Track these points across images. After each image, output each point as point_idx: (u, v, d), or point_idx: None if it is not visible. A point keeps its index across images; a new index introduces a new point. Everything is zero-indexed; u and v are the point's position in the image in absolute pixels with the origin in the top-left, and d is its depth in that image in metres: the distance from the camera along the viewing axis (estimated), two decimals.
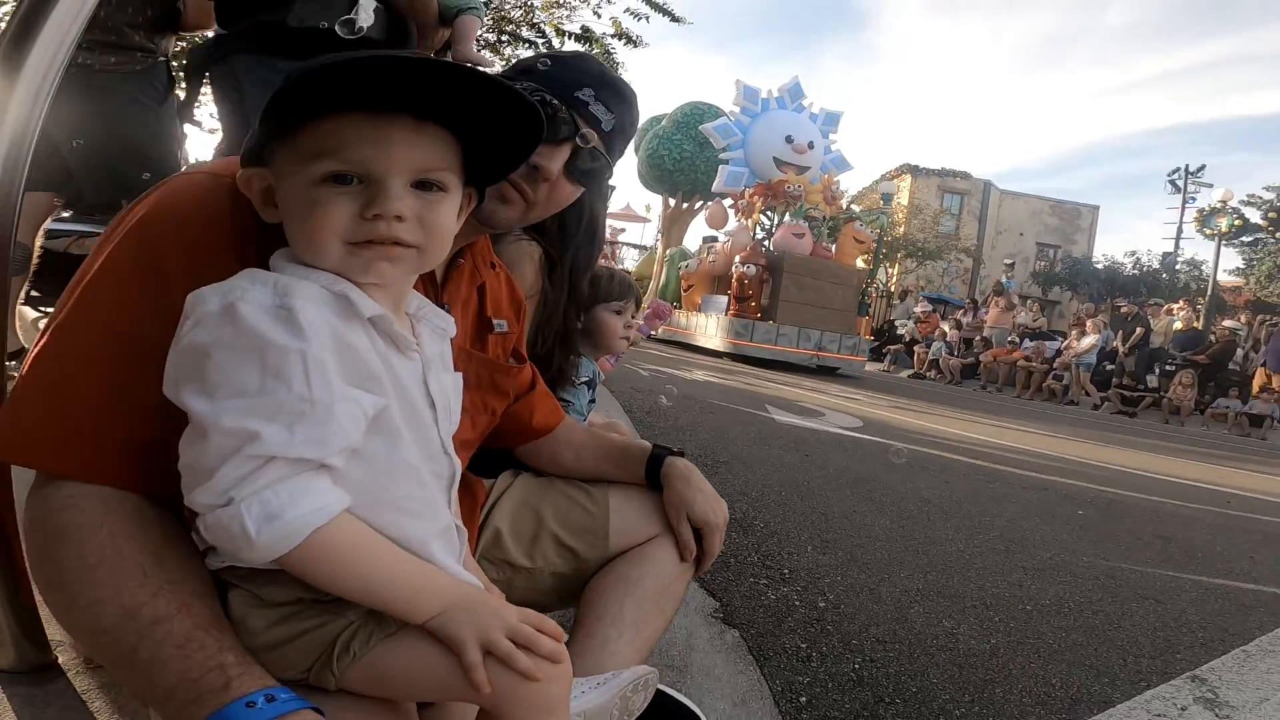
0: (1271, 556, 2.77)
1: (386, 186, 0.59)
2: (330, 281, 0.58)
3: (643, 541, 1.00)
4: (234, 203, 0.65)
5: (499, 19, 7.60)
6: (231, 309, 0.52)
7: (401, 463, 0.60)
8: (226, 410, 0.50)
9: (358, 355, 0.56)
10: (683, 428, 4.05)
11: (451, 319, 0.72)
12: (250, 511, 0.49)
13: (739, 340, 10.10)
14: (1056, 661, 1.59)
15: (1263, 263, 23.12)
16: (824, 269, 10.98)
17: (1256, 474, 5.43)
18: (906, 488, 3.25)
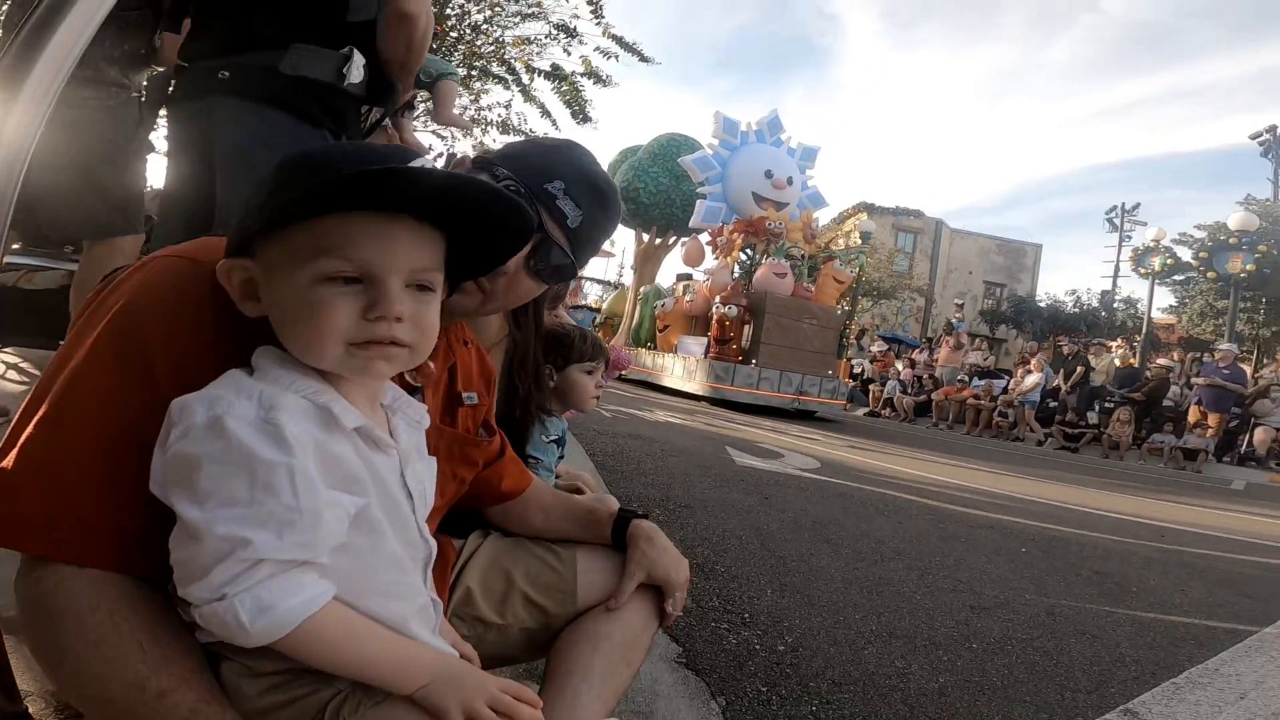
0: (1201, 589, 2.94)
1: (388, 287, 0.61)
2: (313, 392, 0.61)
3: (611, 598, 1.04)
4: (214, 291, 0.66)
5: (469, 54, 7.74)
6: (219, 423, 0.56)
7: (383, 553, 0.66)
8: (218, 518, 0.55)
9: (340, 462, 0.61)
10: (645, 471, 4.12)
11: (424, 409, 0.77)
12: (244, 605, 0.55)
13: (719, 384, 9.83)
14: (1000, 699, 1.69)
15: (1194, 301, 24.33)
16: (805, 310, 10.74)
17: (1189, 507, 5.70)
18: (861, 529, 3.37)
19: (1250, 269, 17.11)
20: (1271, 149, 25.39)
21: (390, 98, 1.86)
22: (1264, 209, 22.62)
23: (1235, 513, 5.66)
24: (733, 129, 13.04)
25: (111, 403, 0.62)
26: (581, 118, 8.26)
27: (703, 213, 12.56)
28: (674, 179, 15.46)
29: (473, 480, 1.04)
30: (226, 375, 0.61)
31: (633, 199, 15.97)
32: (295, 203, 0.59)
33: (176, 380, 0.62)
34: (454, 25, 7.50)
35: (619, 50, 7.71)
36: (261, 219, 0.61)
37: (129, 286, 0.66)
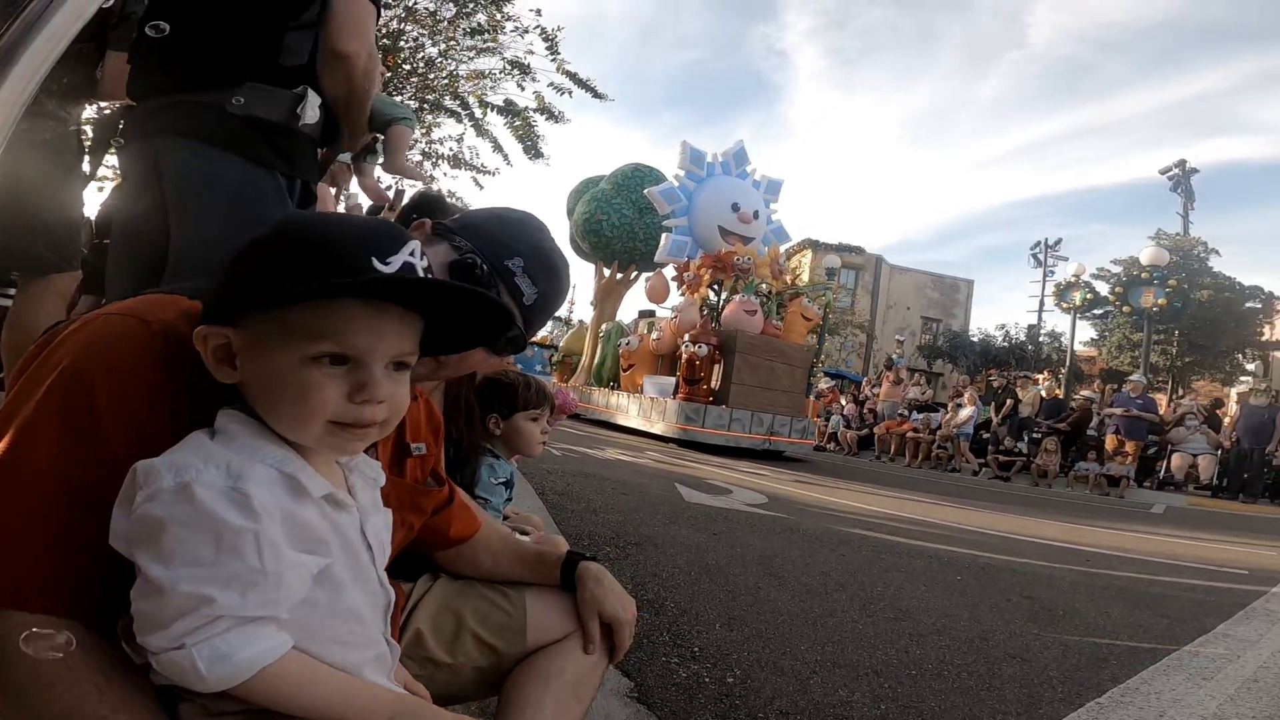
0: (1123, 610, 3.11)
1: (374, 372, 0.65)
2: (280, 461, 0.64)
3: (560, 637, 1.06)
4: (165, 352, 0.68)
5: (422, 87, 7.78)
6: (187, 489, 0.58)
7: (344, 607, 0.69)
8: (183, 577, 0.57)
9: (307, 527, 0.65)
10: (595, 509, 4.14)
11: (379, 465, 0.80)
12: (201, 654, 0.57)
13: (690, 426, 9.43)
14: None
15: (1113, 334, 25.75)
16: (775, 349, 10.45)
17: (1112, 531, 6.00)
18: (807, 562, 3.46)
19: (1162, 303, 18.18)
20: (1180, 183, 27.32)
21: (336, 141, 1.82)
22: (1174, 243, 24.24)
23: (1154, 536, 5.99)
24: (699, 160, 12.62)
25: (60, 460, 0.63)
26: (534, 153, 8.38)
27: (669, 247, 12.16)
28: (638, 211, 14.82)
29: (421, 526, 1.06)
30: (190, 439, 0.64)
31: (594, 231, 15.34)
32: (304, 293, 0.62)
33: (127, 440, 0.65)
34: (407, 58, 7.57)
35: (572, 86, 7.88)
36: (256, 295, 0.63)
37: (75, 344, 0.67)
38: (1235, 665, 2.37)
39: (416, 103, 7.84)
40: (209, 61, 1.58)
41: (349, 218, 0.73)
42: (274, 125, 1.61)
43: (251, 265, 0.65)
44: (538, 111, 8.10)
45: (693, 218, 12.30)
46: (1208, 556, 4.95)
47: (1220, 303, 22.72)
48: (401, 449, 1.00)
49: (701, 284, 11.12)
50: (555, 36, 7.44)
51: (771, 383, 10.19)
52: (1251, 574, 4.30)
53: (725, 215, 12.11)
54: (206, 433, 0.65)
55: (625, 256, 15.50)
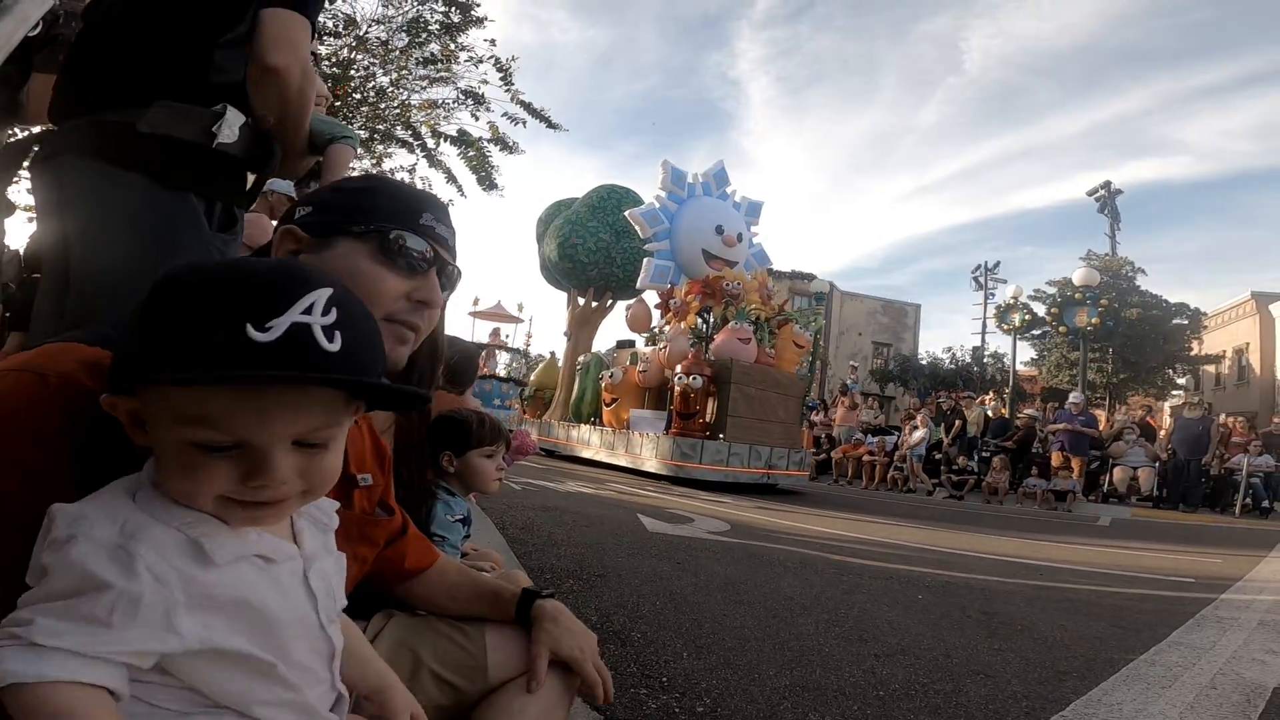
0: (1079, 623, 3.17)
1: (269, 457, 0.60)
2: (188, 524, 0.61)
3: (522, 673, 1.04)
4: (65, 404, 0.67)
5: (373, 117, 7.70)
6: (71, 541, 0.56)
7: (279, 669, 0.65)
8: (27, 600, 0.56)
9: (208, 592, 0.60)
10: (557, 543, 4.08)
11: (333, 507, 0.78)
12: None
13: (686, 463, 8.86)
14: None
15: (1051, 354, 26.77)
16: (769, 378, 9.97)
17: (1062, 545, 6.15)
18: (771, 587, 3.45)
19: (1095, 322, 19.03)
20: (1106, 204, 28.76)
21: (268, 163, 1.73)
22: (1104, 264, 25.46)
23: (1103, 547, 6.16)
24: (680, 180, 12.05)
25: None
26: (488, 184, 8.36)
27: (651, 272, 11.56)
28: (614, 234, 13.87)
29: (375, 558, 1.04)
30: (108, 489, 0.62)
31: (569, 257, 14.20)
32: (160, 379, 0.57)
33: (28, 495, 0.63)
34: (358, 87, 7.52)
35: (527, 116, 7.91)
36: (131, 370, 0.59)
37: None
38: (1192, 673, 2.43)
39: (367, 132, 7.78)
40: (122, 79, 1.51)
41: (233, 268, 0.65)
42: (186, 145, 1.52)
43: (132, 335, 0.61)
44: (491, 142, 8.10)
45: (675, 241, 11.77)
46: (1155, 566, 5.11)
47: (1149, 320, 23.89)
48: (347, 481, 0.97)
49: (690, 311, 10.49)
50: (509, 67, 7.49)
51: (767, 414, 9.75)
52: (1198, 582, 4.45)
53: (709, 238, 11.60)
54: (129, 481, 0.64)
55: (601, 283, 14.48)
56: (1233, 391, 29.38)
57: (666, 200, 11.98)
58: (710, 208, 12.09)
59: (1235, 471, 11.50)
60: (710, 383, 9.25)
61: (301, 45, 1.56)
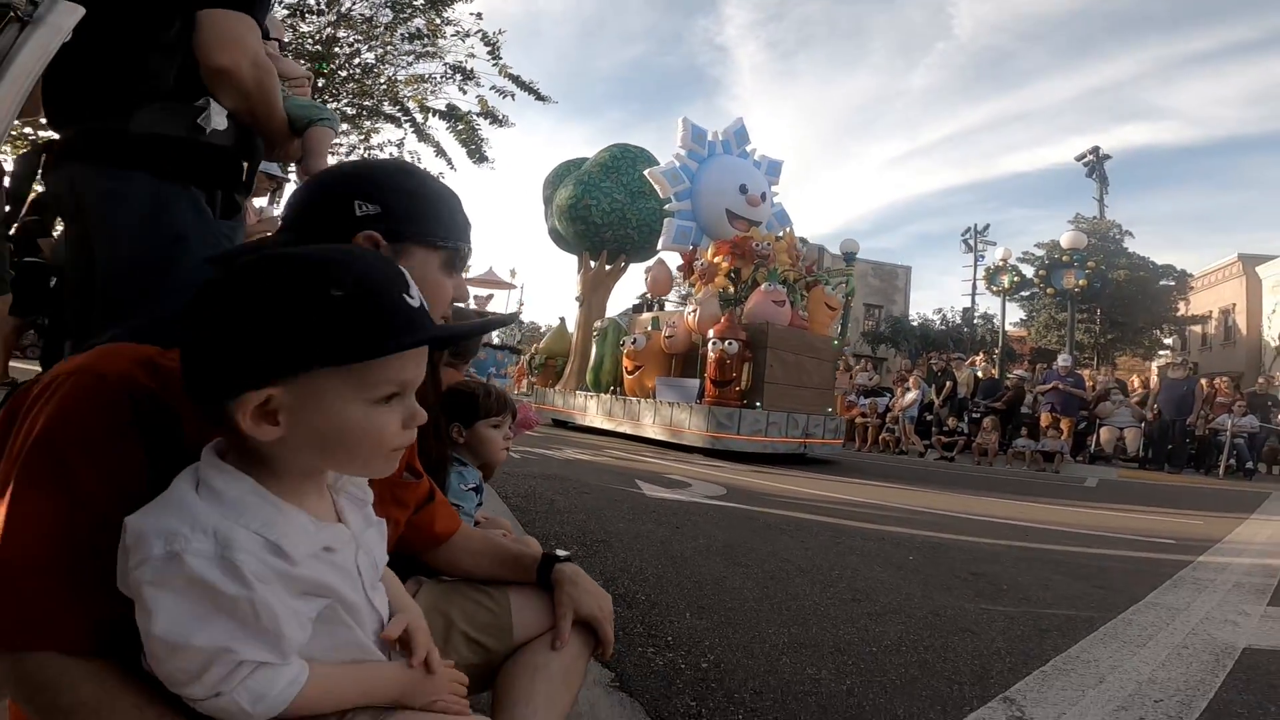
0: (1061, 582, 3.32)
1: (413, 400, 0.74)
2: (263, 527, 0.67)
3: (544, 631, 1.13)
4: (128, 401, 0.73)
5: (359, 93, 7.61)
6: (178, 559, 0.62)
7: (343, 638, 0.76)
8: (194, 633, 0.63)
9: (299, 580, 0.69)
10: (559, 510, 4.20)
11: (364, 481, 0.85)
12: (241, 698, 0.64)
13: (723, 433, 8.41)
14: (899, 695, 1.90)
15: (1040, 315, 26.98)
16: (805, 342, 9.53)
17: (1049, 506, 6.34)
18: (768, 550, 3.58)
19: (1082, 284, 19.22)
20: (1094, 169, 28.82)
21: (255, 151, 1.80)
22: (1091, 226, 25.55)
23: (1088, 509, 6.35)
24: (700, 138, 11.56)
25: (54, 523, 0.69)
26: (478, 158, 8.32)
27: (673, 233, 11.17)
28: (629, 195, 13.12)
29: (407, 524, 1.12)
30: (174, 496, 0.67)
31: (582, 218, 13.33)
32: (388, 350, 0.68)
33: (108, 491, 0.70)
34: (343, 64, 7.43)
35: (515, 89, 7.85)
36: (325, 353, 0.66)
37: (47, 411, 0.71)
38: (1165, 632, 2.56)
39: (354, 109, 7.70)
40: (102, 86, 1.57)
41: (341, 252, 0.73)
42: (178, 140, 1.60)
43: (273, 328, 0.66)
44: (481, 115, 8.03)
45: (697, 201, 11.23)
46: (1137, 527, 5.28)
47: (1136, 282, 24.09)
48: None
49: (719, 273, 9.93)
50: (497, 40, 7.39)
51: (802, 379, 9.30)
52: (1178, 543, 4.61)
53: (733, 197, 11.07)
54: (190, 482, 0.69)
55: (615, 245, 13.61)
56: (1219, 351, 29.74)
57: (686, 159, 11.49)
58: (733, 166, 11.58)
59: (1219, 432, 11.75)
60: (745, 348, 8.76)
61: (244, 40, 1.58)
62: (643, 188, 12.58)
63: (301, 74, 2.05)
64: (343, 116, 7.95)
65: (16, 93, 1.02)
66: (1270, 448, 12.03)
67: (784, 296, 9.35)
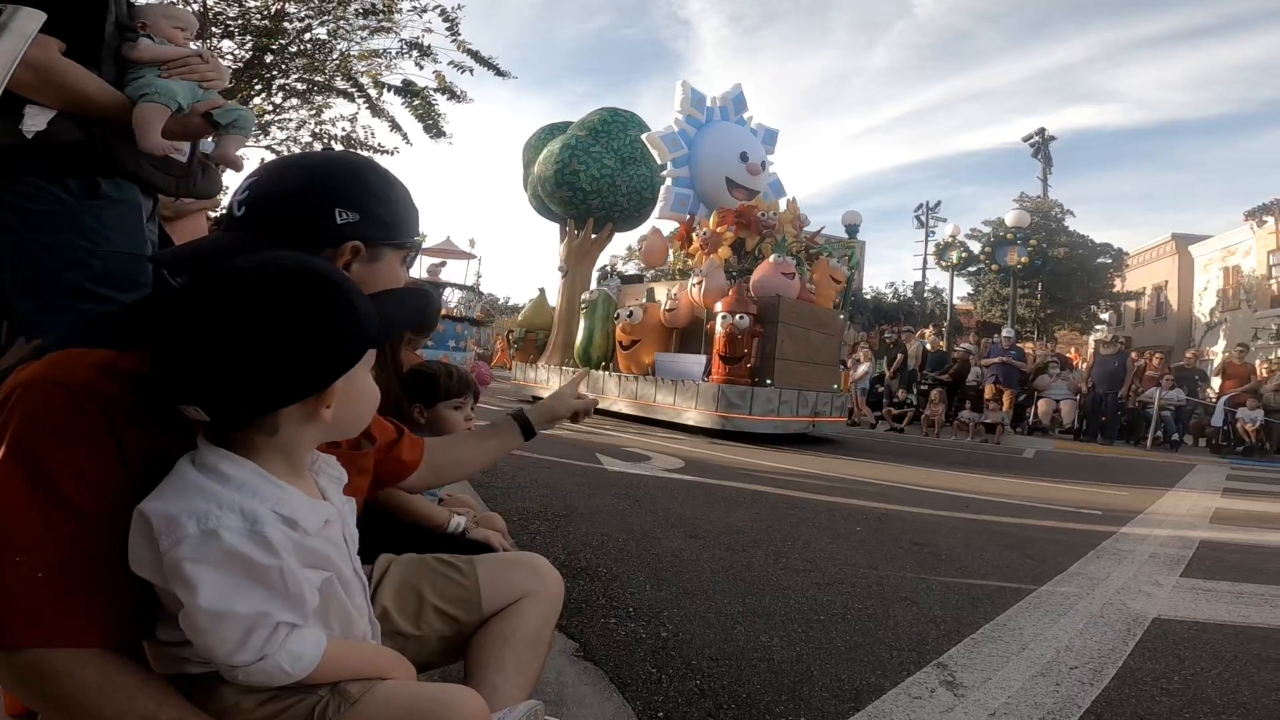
0: (994, 553, 3.54)
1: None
2: (276, 503, 0.77)
3: (511, 602, 1.22)
4: (94, 405, 0.77)
5: (309, 68, 7.35)
6: (215, 536, 0.71)
7: (341, 604, 0.86)
8: (236, 603, 0.72)
9: (310, 552, 0.80)
10: (521, 485, 4.28)
11: (334, 460, 0.96)
12: (283, 660, 0.74)
13: (733, 413, 7.99)
14: (844, 661, 2.05)
15: (985, 289, 27.84)
16: (814, 316, 9.15)
17: (989, 478, 6.67)
18: (725, 522, 3.73)
19: (1024, 261, 20.00)
20: (1039, 150, 29.71)
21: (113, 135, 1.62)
22: (1035, 205, 26.35)
23: (1024, 480, 6.70)
24: (700, 103, 11.22)
25: (39, 528, 0.73)
26: (435, 132, 8.15)
27: (671, 200, 10.81)
28: (620, 161, 12.19)
29: (375, 469, 1.20)
30: (189, 484, 0.74)
31: (569, 184, 12.22)
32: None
33: (91, 493, 0.76)
34: (293, 39, 7.16)
35: (474, 65, 7.70)
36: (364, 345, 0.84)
37: (13, 423, 0.75)
38: (1085, 601, 2.79)
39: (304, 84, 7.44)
40: None
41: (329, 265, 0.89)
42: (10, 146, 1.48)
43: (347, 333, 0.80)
44: (438, 91, 7.86)
45: (695, 167, 10.87)
46: (1068, 498, 5.61)
47: (1076, 259, 25.02)
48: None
49: (723, 243, 9.46)
50: (456, 16, 7.22)
51: (811, 355, 8.92)
52: (1104, 514, 4.93)
53: (733, 165, 10.75)
54: (192, 467, 0.76)
55: (603, 213, 12.62)
56: (1151, 327, 31.14)
57: (685, 124, 11.12)
58: (733, 133, 11.32)
59: (1148, 405, 12.40)
60: (755, 322, 8.27)
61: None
62: (633, 153, 12.10)
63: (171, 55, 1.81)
64: (292, 92, 7.68)
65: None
66: (1196, 420, 12.74)
67: (793, 269, 8.87)
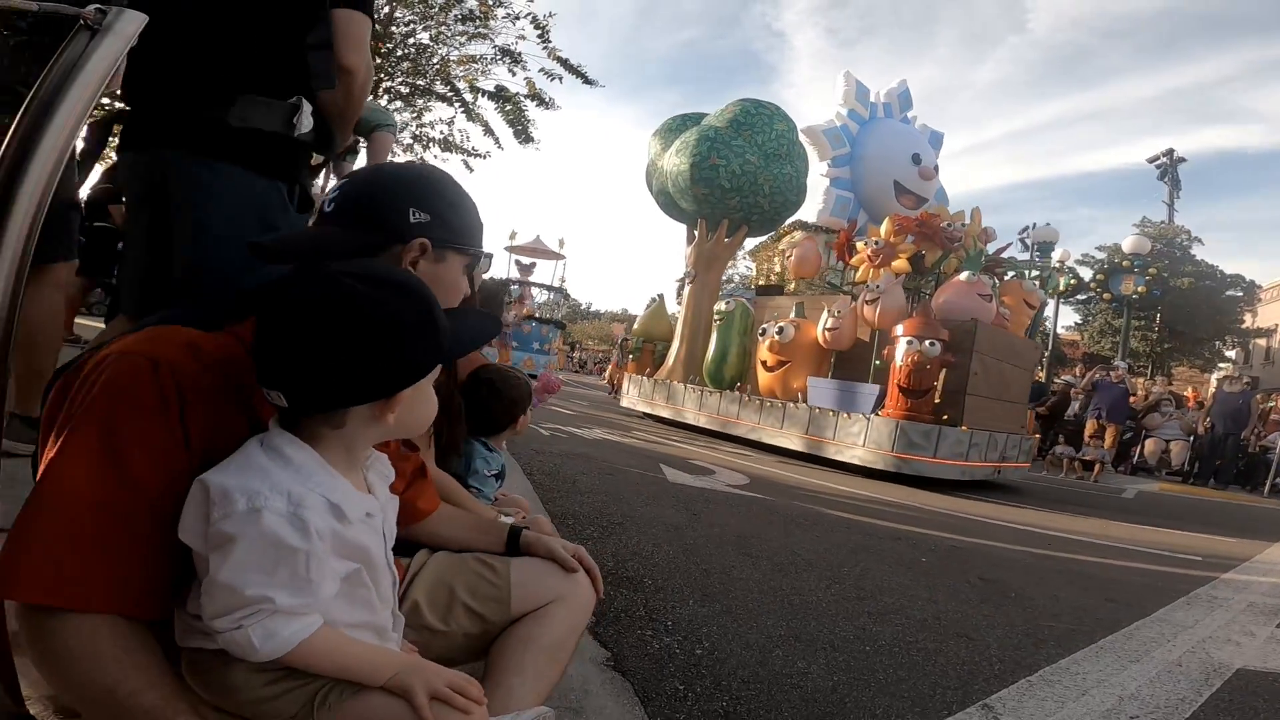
0: (1072, 594, 3.31)
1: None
2: (327, 490, 0.81)
3: (540, 606, 1.22)
4: (174, 383, 0.83)
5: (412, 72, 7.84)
6: (258, 514, 0.76)
7: (367, 594, 0.88)
8: (250, 582, 0.75)
9: (346, 540, 0.83)
10: (580, 490, 4.32)
11: (386, 459, 0.99)
12: (255, 633, 0.76)
13: (913, 454, 6.81)
14: (882, 694, 1.96)
15: (1095, 320, 26.17)
16: (1009, 346, 7.87)
17: (1078, 516, 6.24)
18: (782, 542, 3.65)
19: (1141, 290, 18.62)
20: (1167, 172, 27.73)
21: (330, 146, 1.88)
22: (1158, 231, 24.60)
23: (1119, 521, 6.23)
24: (864, 98, 10.28)
25: (97, 492, 0.79)
26: (524, 138, 8.48)
27: (832, 203, 9.98)
28: (764, 158, 10.72)
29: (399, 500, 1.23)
30: (250, 459, 0.80)
31: (707, 180, 10.79)
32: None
33: (152, 467, 0.81)
34: (399, 43, 7.61)
35: (563, 72, 7.96)
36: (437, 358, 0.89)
37: (101, 386, 0.81)
38: (1164, 648, 2.57)
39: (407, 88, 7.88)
40: (205, 73, 1.64)
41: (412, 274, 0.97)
42: (272, 136, 1.67)
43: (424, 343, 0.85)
44: (528, 98, 8.17)
45: (858, 168, 9.97)
46: (1166, 542, 5.19)
47: (1201, 291, 23.13)
48: None
49: (899, 256, 8.04)
50: (546, 24, 7.49)
51: (1003, 392, 7.78)
52: (1204, 560, 4.53)
53: (903, 168, 9.83)
54: (260, 449, 0.82)
55: (740, 214, 11.11)
56: None
57: (847, 119, 10.22)
58: (903, 133, 10.43)
59: (1270, 450, 11.31)
60: (946, 349, 6.96)
61: (366, 43, 1.71)
62: (778, 150, 10.65)
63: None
64: (396, 95, 8.15)
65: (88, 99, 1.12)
66: None
67: (989, 290, 7.62)
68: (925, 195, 10.02)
